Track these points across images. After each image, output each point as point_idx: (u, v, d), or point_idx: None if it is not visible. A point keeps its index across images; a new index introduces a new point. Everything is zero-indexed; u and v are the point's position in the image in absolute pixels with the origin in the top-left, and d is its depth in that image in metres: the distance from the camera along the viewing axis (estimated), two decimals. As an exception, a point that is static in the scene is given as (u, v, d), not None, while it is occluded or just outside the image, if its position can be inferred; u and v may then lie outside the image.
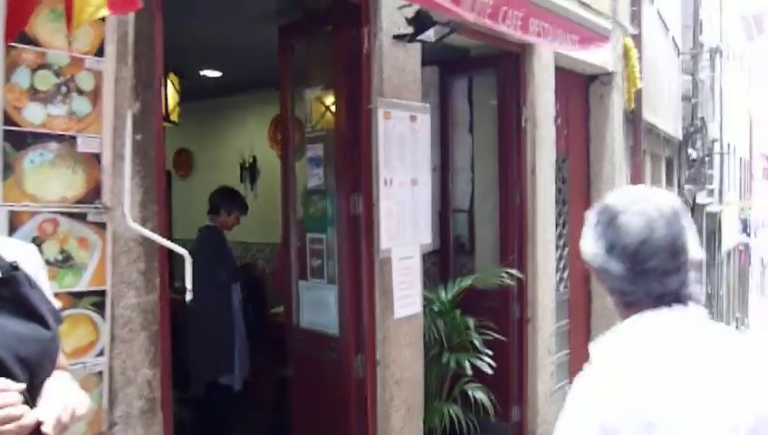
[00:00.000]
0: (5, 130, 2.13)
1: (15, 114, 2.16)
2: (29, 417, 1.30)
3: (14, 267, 1.47)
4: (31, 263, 1.54)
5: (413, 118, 3.70)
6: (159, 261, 2.54)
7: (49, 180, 2.23)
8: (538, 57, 4.79)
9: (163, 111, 3.76)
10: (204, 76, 6.08)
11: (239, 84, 6.14)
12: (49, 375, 1.46)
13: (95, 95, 2.32)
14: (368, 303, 3.55)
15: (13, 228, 2.14)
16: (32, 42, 2.18)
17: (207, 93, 6.37)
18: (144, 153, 2.48)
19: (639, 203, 1.35)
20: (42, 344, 1.44)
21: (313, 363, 3.83)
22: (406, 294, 3.67)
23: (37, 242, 2.19)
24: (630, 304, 1.37)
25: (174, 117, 3.86)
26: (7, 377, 1.32)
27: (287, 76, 3.86)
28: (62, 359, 1.66)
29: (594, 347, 1.37)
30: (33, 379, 1.39)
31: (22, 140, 2.17)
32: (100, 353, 2.35)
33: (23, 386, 1.33)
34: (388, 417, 3.61)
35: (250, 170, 6.72)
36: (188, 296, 2.47)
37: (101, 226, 2.34)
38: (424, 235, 3.79)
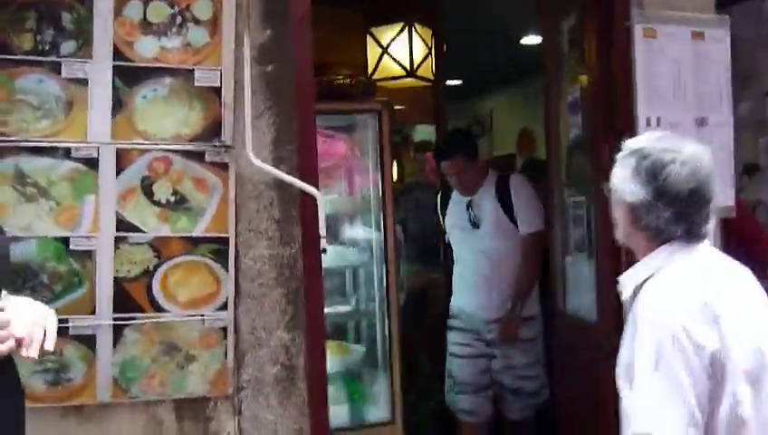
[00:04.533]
0: (116, 66, 2.06)
1: (127, 49, 2.07)
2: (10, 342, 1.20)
3: None
4: None
5: (697, 35, 2.73)
6: (302, 209, 2.22)
7: (162, 117, 2.09)
8: None
9: (408, 64, 3.44)
10: (526, 45, 5.62)
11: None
12: None
13: (213, 24, 2.12)
14: (629, 282, 2.71)
15: (121, 167, 2.05)
16: (142, -28, 2.08)
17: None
18: (276, 86, 2.20)
19: (679, 152, 1.54)
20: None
21: (572, 356, 3.10)
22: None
23: (147, 182, 2.07)
24: (662, 239, 1.57)
25: (424, 72, 3.51)
26: None
27: (545, 5, 3.22)
28: None
29: (632, 277, 1.62)
30: None
31: (134, 75, 2.07)
32: (223, 307, 2.13)
33: None
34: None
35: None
36: (323, 244, 2.13)
37: (222, 166, 2.13)
38: (722, 195, 2.76)
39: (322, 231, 2.14)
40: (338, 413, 3.30)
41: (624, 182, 1.57)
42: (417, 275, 4.28)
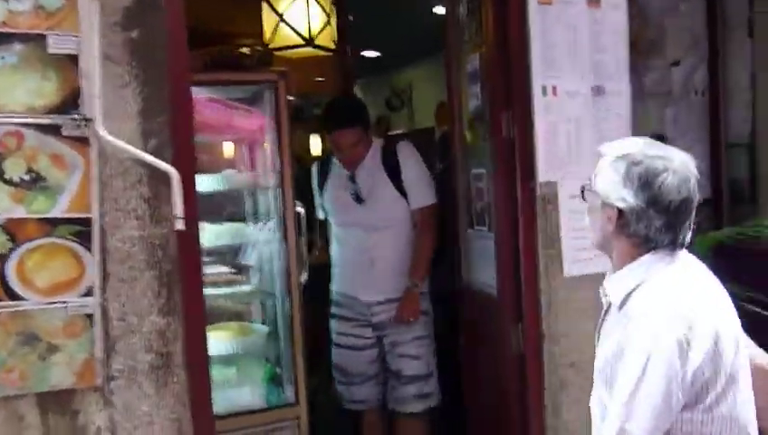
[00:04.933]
0: (-43, 31, 1.87)
1: (-31, 12, 1.88)
2: None
3: None
4: None
5: (593, 2, 2.68)
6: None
7: (11, 87, 1.89)
8: None
9: (306, 33, 3.30)
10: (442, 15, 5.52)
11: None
12: None
13: (68, -15, 1.95)
14: (526, 255, 2.67)
15: (-34, 142, 1.87)
16: (-17, -75, 1.88)
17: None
18: (143, 54, 2.04)
19: (671, 161, 1.54)
20: None
21: (477, 332, 3.06)
22: (583, 246, 2.68)
23: (-3, 159, 1.89)
24: (648, 247, 1.57)
25: (323, 41, 3.37)
26: None
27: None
28: None
29: (619, 284, 1.62)
30: None
31: (-22, 41, 1.89)
32: (88, 293, 1.98)
33: None
34: (558, 410, 2.69)
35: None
36: (178, 225, 1.99)
37: (83, 141, 1.96)
38: (619, 165, 2.73)
39: (178, 210, 2.00)
40: (239, 396, 3.19)
41: (613, 187, 1.55)
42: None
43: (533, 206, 2.65)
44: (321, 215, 3.47)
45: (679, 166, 1.53)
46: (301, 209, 3.16)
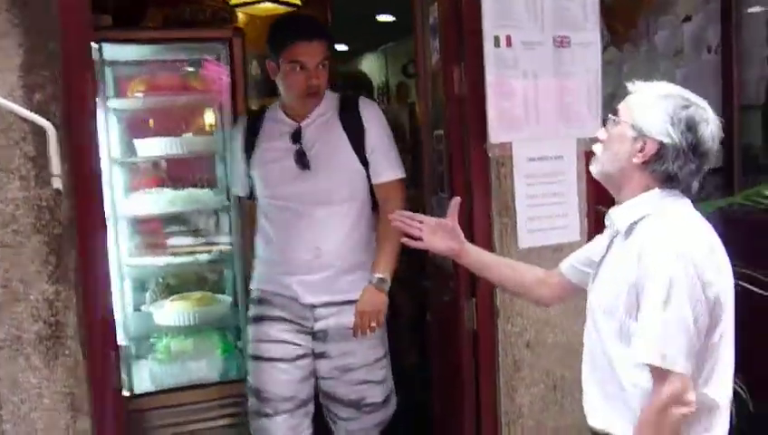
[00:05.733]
0: None
1: None
2: None
3: None
4: None
5: (556, -58, 2.40)
6: (67, 144, 1.93)
7: None
8: None
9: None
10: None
11: None
12: None
13: (-62, -75, 1.80)
14: (479, 224, 2.44)
15: None
16: None
17: None
18: (25, 2, 1.88)
19: (707, 110, 1.59)
20: None
21: (437, 307, 2.85)
22: (542, 214, 2.44)
23: None
24: (669, 186, 1.61)
25: (287, -5, 3.15)
26: None
27: None
28: None
29: (628, 211, 1.64)
30: None
31: None
32: (-33, 258, 1.86)
33: None
34: (512, 393, 2.47)
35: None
36: (55, 184, 1.84)
37: (-43, 95, 1.83)
38: (587, 125, 2.47)
39: (54, 168, 1.85)
40: (197, 368, 3.08)
41: (657, 122, 1.56)
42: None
43: (487, 170, 2.41)
44: (238, 190, 2.65)
45: (713, 116, 1.59)
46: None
